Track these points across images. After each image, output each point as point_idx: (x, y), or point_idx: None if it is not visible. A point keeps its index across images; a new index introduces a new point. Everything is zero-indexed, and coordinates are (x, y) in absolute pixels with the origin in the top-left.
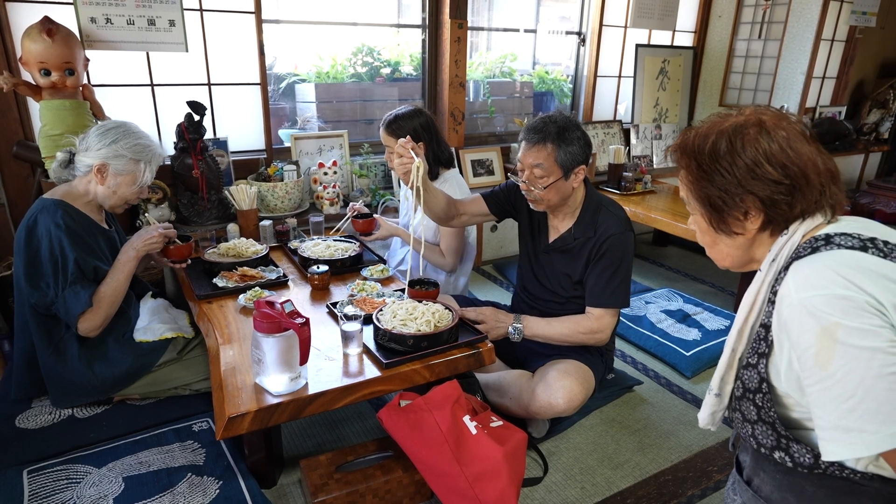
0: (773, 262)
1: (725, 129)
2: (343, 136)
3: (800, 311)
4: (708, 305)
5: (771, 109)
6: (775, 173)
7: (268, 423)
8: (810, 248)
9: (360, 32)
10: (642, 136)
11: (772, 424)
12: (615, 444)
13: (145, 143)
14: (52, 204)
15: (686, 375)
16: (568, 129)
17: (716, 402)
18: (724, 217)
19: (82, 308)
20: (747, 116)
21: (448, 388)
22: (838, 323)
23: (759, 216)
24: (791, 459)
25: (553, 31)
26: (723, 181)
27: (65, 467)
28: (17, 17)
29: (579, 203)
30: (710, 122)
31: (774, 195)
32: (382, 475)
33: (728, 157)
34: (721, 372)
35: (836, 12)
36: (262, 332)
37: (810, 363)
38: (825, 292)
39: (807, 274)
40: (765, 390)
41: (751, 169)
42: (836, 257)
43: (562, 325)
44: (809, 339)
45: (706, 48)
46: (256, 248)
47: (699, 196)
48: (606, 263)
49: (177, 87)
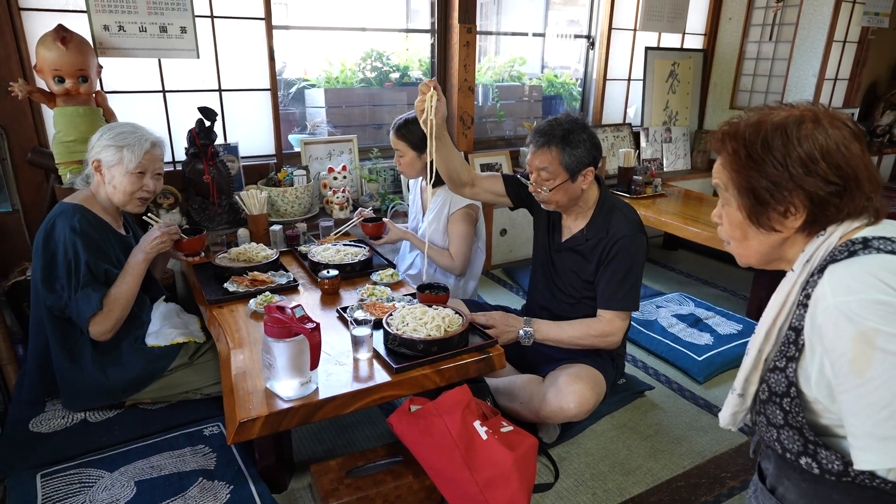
0: (807, 263)
1: (781, 119)
2: (352, 141)
3: (836, 315)
4: (720, 309)
5: (823, 107)
6: (830, 172)
7: (278, 427)
8: (847, 251)
9: (369, 37)
10: (652, 139)
11: (799, 430)
12: (627, 450)
13: (129, 131)
14: (71, 208)
15: (698, 380)
16: (573, 131)
17: (738, 403)
18: (766, 211)
19: (93, 310)
20: (802, 111)
21: (458, 392)
22: (877, 329)
23: (803, 215)
24: (818, 466)
25: (562, 34)
26: (774, 172)
27: (77, 471)
28: (31, 25)
29: (592, 204)
30: (761, 113)
31: (824, 194)
32: (392, 480)
33: (783, 147)
34: (745, 372)
35: (848, 13)
36: (273, 337)
37: (845, 369)
38: (864, 297)
39: (844, 277)
40: (793, 395)
41: (805, 163)
42: (876, 261)
43: (573, 328)
44: (845, 345)
45: (716, 51)
46: (267, 252)
47: (743, 186)
48: (617, 266)
49: (188, 93)
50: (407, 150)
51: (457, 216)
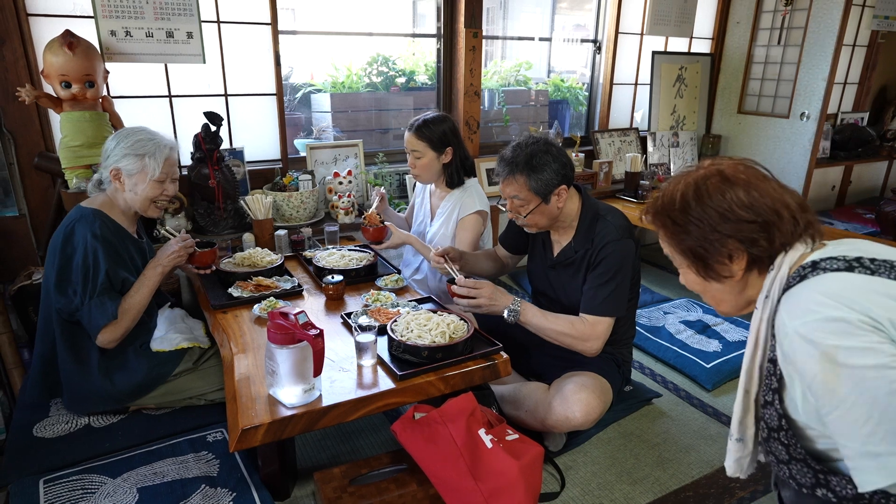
0: (767, 298)
1: (689, 183)
2: (358, 146)
3: (797, 339)
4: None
5: (727, 159)
6: (746, 215)
7: (281, 435)
8: (799, 276)
9: (375, 42)
10: (659, 144)
11: (804, 461)
12: (634, 459)
13: (146, 138)
14: (91, 213)
15: (706, 388)
16: (536, 155)
17: (739, 448)
18: (709, 263)
19: (108, 320)
20: (707, 169)
21: (463, 400)
22: (836, 345)
23: (744, 256)
24: (834, 494)
25: (568, 39)
26: (698, 231)
27: (80, 477)
28: (39, 30)
29: (575, 216)
30: (673, 182)
31: (752, 234)
32: (396, 489)
33: (698, 207)
34: (738, 416)
35: (857, 17)
36: (276, 344)
37: (820, 391)
38: (816, 317)
39: (796, 301)
40: (786, 427)
41: (722, 215)
42: (823, 281)
43: (558, 321)
44: (813, 367)
45: (724, 55)
46: (271, 257)
47: (681, 250)
48: (602, 271)
49: (194, 98)
50: (427, 151)
51: (466, 221)
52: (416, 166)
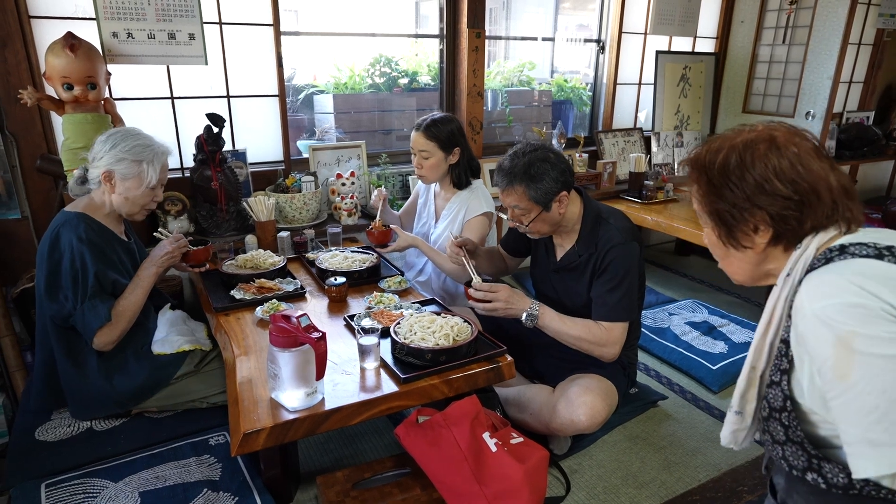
0: (788, 277)
1: (736, 144)
2: (361, 147)
3: (814, 322)
4: (734, 317)
5: (784, 125)
6: (784, 189)
7: (283, 439)
8: (824, 259)
9: (378, 43)
10: (663, 144)
11: (801, 444)
12: (640, 462)
13: (144, 144)
14: (75, 217)
15: (713, 390)
16: (534, 164)
17: (737, 420)
18: (732, 231)
19: (101, 322)
20: (759, 132)
21: (467, 403)
22: (854, 332)
23: (769, 231)
24: (824, 480)
25: (571, 38)
26: (732, 196)
27: (82, 481)
28: (41, 33)
29: (577, 219)
30: (723, 137)
31: (783, 211)
32: (400, 493)
33: (738, 172)
34: (741, 389)
35: (863, 15)
36: (278, 347)
37: (830, 375)
38: (838, 301)
39: (819, 284)
40: (789, 408)
41: (759, 185)
42: (849, 266)
43: (576, 325)
44: (826, 351)
45: (728, 54)
46: (274, 259)
47: (709, 210)
48: (609, 276)
49: (196, 99)
50: (435, 151)
51: (473, 223)
52: (422, 167)
